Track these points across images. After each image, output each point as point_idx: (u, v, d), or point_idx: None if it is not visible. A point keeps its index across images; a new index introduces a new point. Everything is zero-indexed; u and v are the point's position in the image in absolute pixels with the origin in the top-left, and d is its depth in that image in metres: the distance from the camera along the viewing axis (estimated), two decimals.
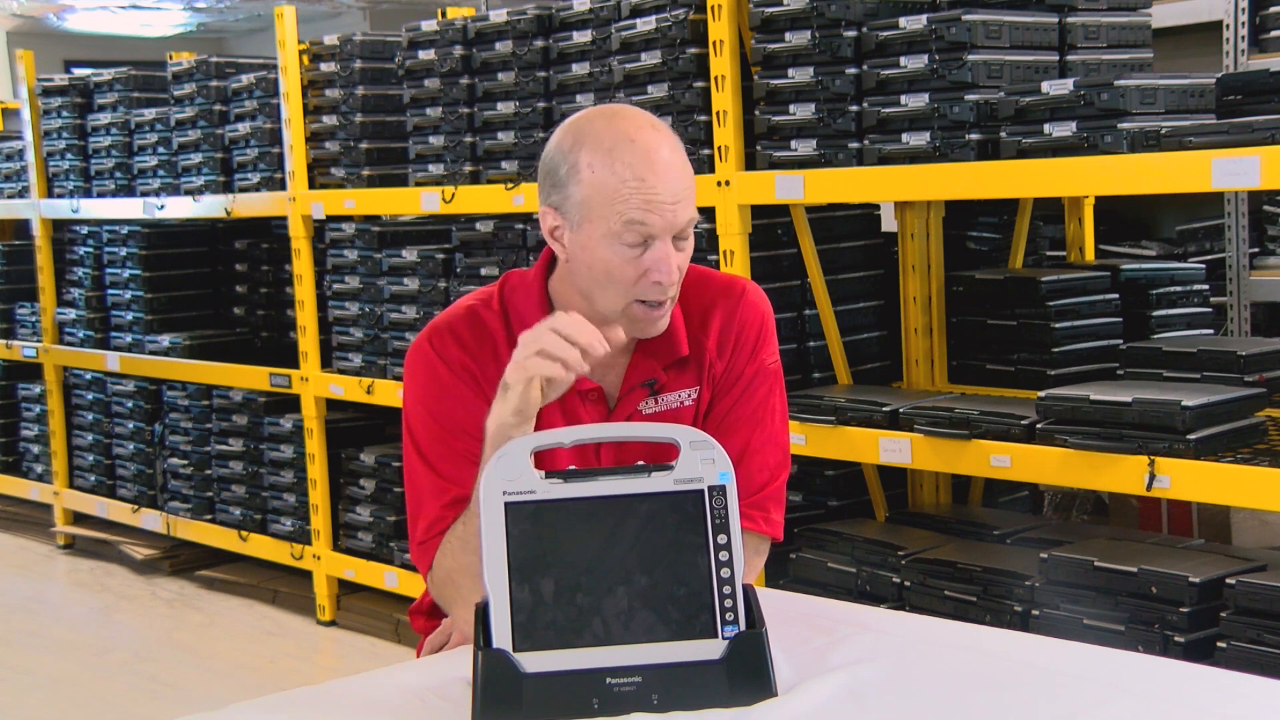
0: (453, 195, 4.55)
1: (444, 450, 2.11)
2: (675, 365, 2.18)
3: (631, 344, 2.17)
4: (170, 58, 6.03)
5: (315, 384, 5.25)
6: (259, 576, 5.76)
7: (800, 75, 3.64)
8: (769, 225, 3.98)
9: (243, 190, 5.52)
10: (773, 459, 2.19)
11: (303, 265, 5.28)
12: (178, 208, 5.83)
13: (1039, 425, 3.27)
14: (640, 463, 1.92)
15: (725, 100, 3.78)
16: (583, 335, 1.91)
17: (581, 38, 4.15)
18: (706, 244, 3.92)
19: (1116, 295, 3.88)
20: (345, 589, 5.36)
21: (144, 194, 6.03)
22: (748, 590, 1.83)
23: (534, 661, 1.76)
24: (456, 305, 2.21)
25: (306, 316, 5.29)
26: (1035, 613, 3.32)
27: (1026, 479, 3.48)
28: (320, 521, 5.33)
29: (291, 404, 5.48)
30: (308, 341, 5.29)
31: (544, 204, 2.11)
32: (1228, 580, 3.09)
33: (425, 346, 2.15)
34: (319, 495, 5.32)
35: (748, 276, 3.79)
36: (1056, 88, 3.17)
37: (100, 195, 6.33)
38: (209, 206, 5.65)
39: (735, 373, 2.20)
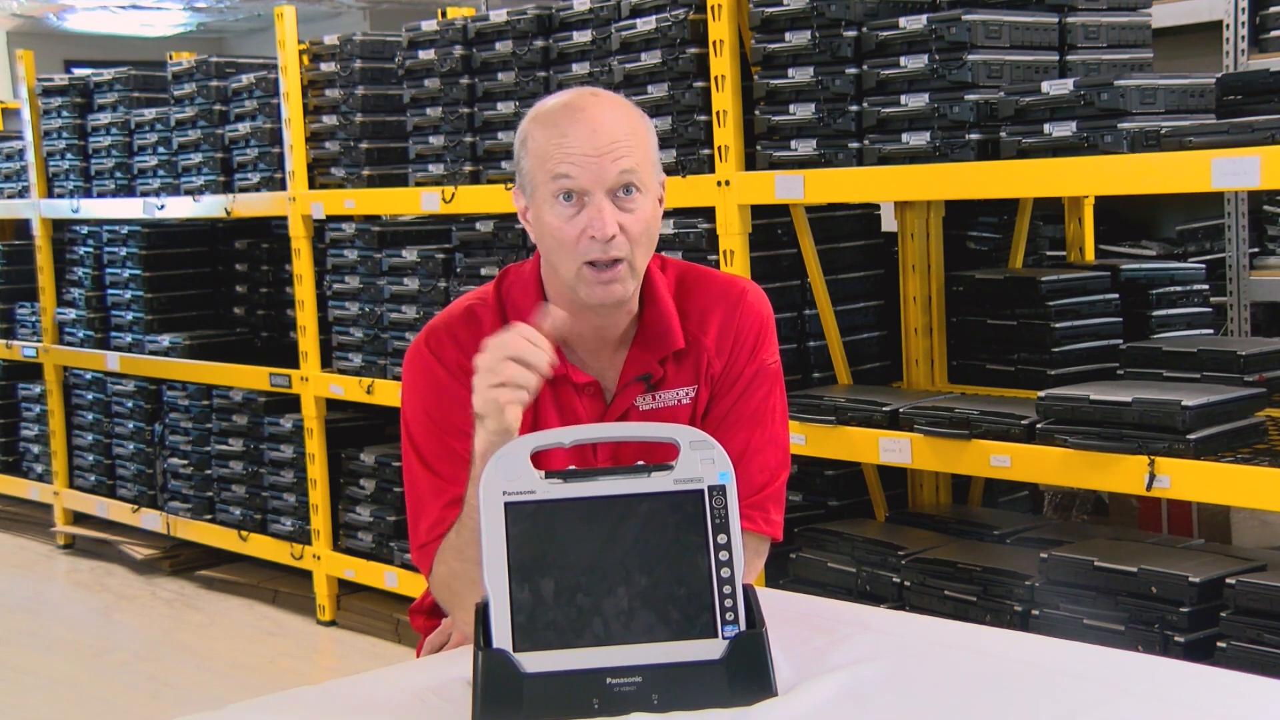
0: (453, 195, 4.55)
1: (442, 451, 2.11)
2: (673, 362, 2.18)
3: (628, 338, 2.18)
4: (170, 58, 6.03)
5: (315, 384, 5.25)
6: (259, 576, 5.76)
7: (800, 75, 3.65)
8: (769, 225, 3.98)
9: (243, 190, 5.52)
10: (773, 459, 2.19)
11: (303, 265, 5.28)
12: (178, 208, 5.83)
13: (1039, 425, 3.27)
14: (640, 463, 1.92)
15: (725, 100, 3.78)
16: (535, 355, 1.90)
17: (581, 38, 4.15)
18: (706, 244, 3.92)
19: (1116, 295, 3.88)
20: (345, 589, 5.36)
21: (144, 194, 6.03)
22: (748, 590, 1.83)
23: (534, 661, 1.76)
24: (454, 305, 2.22)
25: (306, 316, 5.29)
26: (1035, 613, 3.32)
27: (1026, 479, 3.49)
28: (320, 521, 5.33)
29: (291, 404, 5.48)
30: (308, 341, 5.29)
31: (515, 187, 2.16)
32: (1228, 580, 3.09)
33: (423, 348, 2.16)
34: (319, 495, 5.32)
35: (748, 276, 3.79)
36: (1056, 88, 3.17)
37: (100, 195, 6.33)
38: (209, 206, 5.65)
39: (734, 373, 2.20)
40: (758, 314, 2.22)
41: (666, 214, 4.05)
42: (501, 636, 1.77)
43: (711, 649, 1.79)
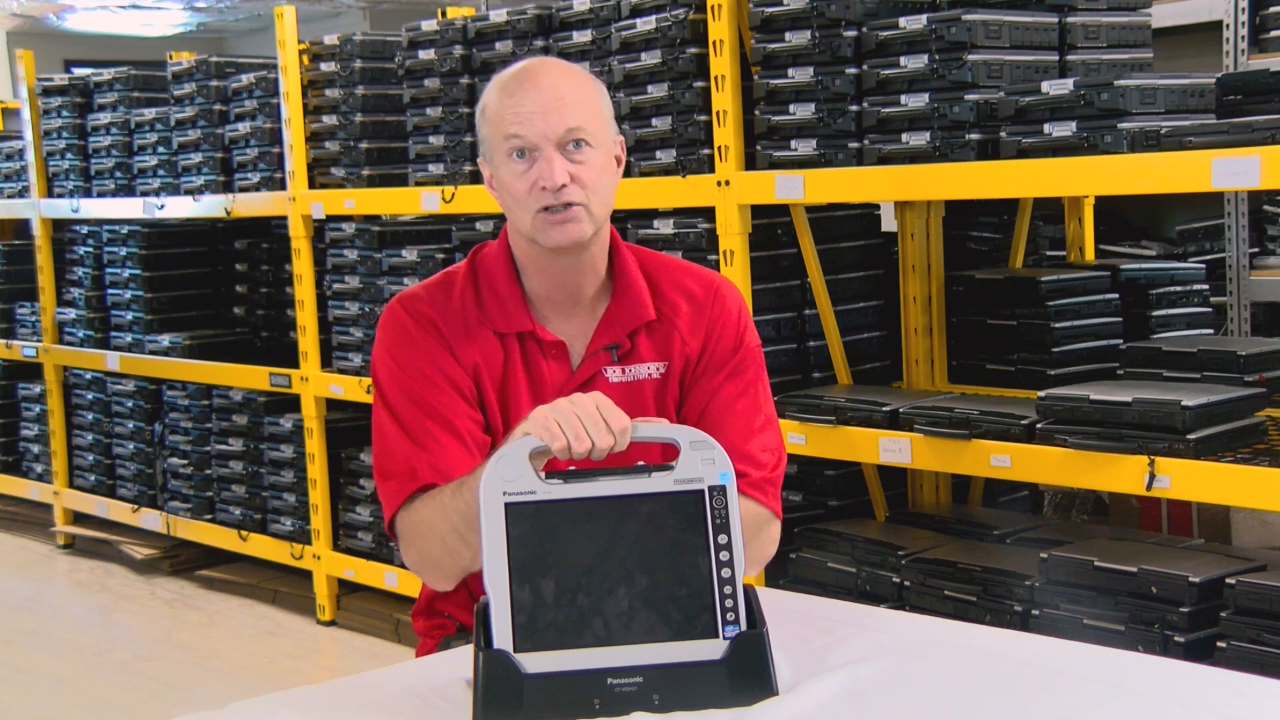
0: (453, 195, 4.55)
1: (406, 397, 2.16)
2: (644, 335, 2.23)
3: (599, 308, 2.24)
4: (170, 58, 6.03)
5: (315, 384, 5.25)
6: (259, 576, 5.76)
7: (800, 75, 3.64)
8: (769, 225, 3.98)
9: (243, 190, 5.52)
10: (773, 440, 2.24)
11: (303, 265, 5.28)
12: (178, 208, 5.83)
13: (1039, 425, 3.27)
14: (640, 463, 1.93)
15: (725, 100, 3.78)
16: (597, 433, 1.87)
17: (581, 37, 4.15)
18: (706, 244, 3.92)
19: (1116, 295, 3.88)
20: (345, 589, 5.36)
21: (144, 194, 6.03)
22: (748, 590, 1.83)
23: (535, 662, 1.77)
24: (431, 276, 2.32)
25: (306, 316, 5.29)
26: (1035, 613, 3.32)
27: (1026, 479, 3.48)
28: (320, 521, 5.33)
29: (291, 404, 5.48)
30: (308, 341, 5.29)
31: (480, 158, 2.26)
32: (1228, 580, 3.09)
33: (395, 306, 2.25)
34: (319, 495, 5.32)
35: (748, 277, 3.81)
36: (1056, 88, 3.17)
37: (100, 195, 6.33)
38: (209, 206, 5.65)
39: (721, 356, 2.24)
40: (735, 298, 2.29)
41: (666, 214, 4.08)
42: (502, 637, 1.77)
43: (712, 649, 1.79)
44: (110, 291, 6.39)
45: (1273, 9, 3.54)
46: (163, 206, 5.89)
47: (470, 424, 2.16)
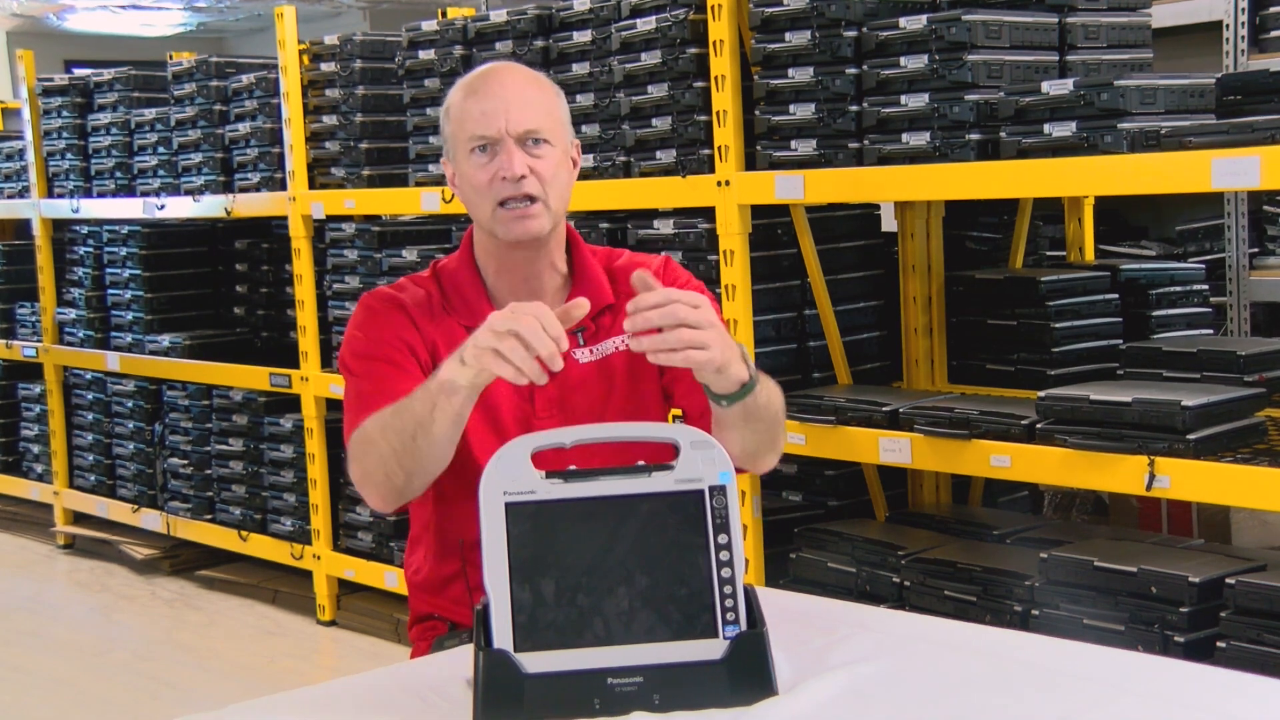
0: (453, 195, 4.54)
1: (370, 358, 2.27)
2: (608, 315, 2.34)
3: (562, 298, 2.32)
4: (170, 58, 6.03)
5: (315, 384, 5.25)
6: (259, 576, 5.76)
7: (800, 75, 3.65)
8: (769, 225, 3.98)
9: (243, 190, 5.52)
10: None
11: (303, 265, 5.28)
12: (178, 208, 5.83)
13: (1039, 425, 3.27)
14: (641, 462, 1.93)
15: (725, 100, 3.78)
16: (539, 341, 1.90)
17: (581, 38, 4.15)
18: (706, 244, 3.92)
19: (1116, 295, 3.88)
20: (345, 589, 5.36)
21: (144, 194, 6.03)
22: (748, 590, 1.83)
23: (535, 662, 1.76)
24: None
25: (306, 316, 5.29)
26: (1035, 613, 3.32)
27: (1026, 479, 3.49)
28: (320, 521, 5.33)
29: (291, 404, 5.48)
30: (308, 341, 5.29)
31: (443, 158, 2.37)
32: (1228, 580, 3.09)
33: (365, 297, 2.37)
34: (319, 495, 5.32)
35: (748, 276, 3.80)
36: (1056, 88, 3.17)
37: (100, 195, 6.33)
38: (209, 206, 5.65)
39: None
40: (680, 269, 2.40)
41: (666, 214, 4.08)
42: (502, 636, 1.77)
43: (712, 649, 1.79)
44: (110, 291, 6.39)
45: (1273, 9, 3.55)
46: (163, 206, 5.89)
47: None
